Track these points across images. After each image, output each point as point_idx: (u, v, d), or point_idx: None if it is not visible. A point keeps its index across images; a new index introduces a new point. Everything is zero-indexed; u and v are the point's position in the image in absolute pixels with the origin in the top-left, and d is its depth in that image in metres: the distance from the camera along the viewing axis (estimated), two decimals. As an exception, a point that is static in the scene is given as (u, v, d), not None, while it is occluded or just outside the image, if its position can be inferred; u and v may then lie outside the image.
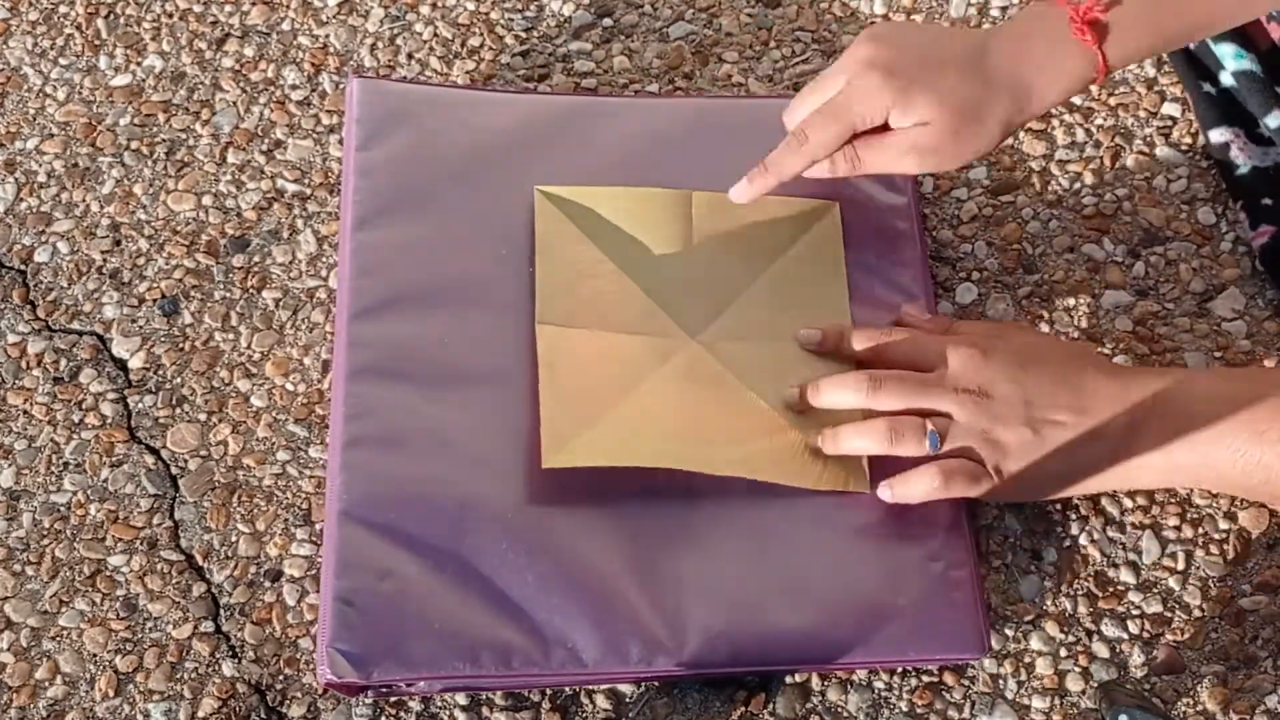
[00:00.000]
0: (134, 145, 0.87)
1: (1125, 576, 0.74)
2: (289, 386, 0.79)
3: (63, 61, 0.91)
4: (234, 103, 0.89)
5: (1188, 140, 0.88)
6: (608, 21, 0.92)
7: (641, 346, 0.73)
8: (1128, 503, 0.75)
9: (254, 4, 0.93)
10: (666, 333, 0.74)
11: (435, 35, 0.92)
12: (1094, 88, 0.89)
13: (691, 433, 0.71)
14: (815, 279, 0.77)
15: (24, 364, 0.80)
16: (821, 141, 0.73)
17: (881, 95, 0.71)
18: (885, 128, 0.73)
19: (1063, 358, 0.71)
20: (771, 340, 0.74)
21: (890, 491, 0.70)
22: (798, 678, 0.71)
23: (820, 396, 0.71)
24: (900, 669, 0.71)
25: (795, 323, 0.74)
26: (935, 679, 0.71)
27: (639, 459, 0.69)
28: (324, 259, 0.83)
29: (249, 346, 0.80)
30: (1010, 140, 0.87)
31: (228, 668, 0.71)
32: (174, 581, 0.73)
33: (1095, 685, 0.71)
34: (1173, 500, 0.75)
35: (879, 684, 0.71)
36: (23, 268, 0.83)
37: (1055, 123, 0.88)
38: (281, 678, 0.71)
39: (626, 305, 0.74)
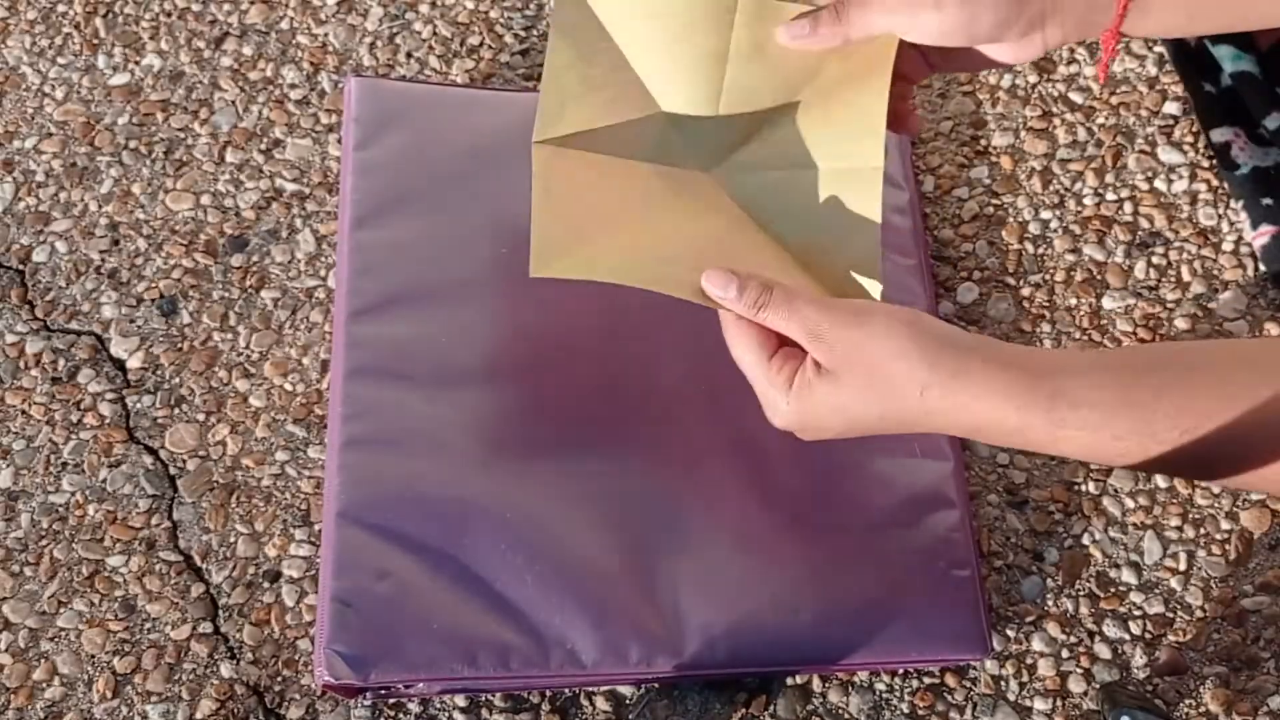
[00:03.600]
0: (132, 144, 0.87)
1: (1127, 577, 0.74)
2: (287, 386, 0.78)
3: (61, 61, 0.91)
4: (233, 102, 0.89)
5: (1189, 140, 0.87)
6: (607, 21, 0.92)
7: (648, 175, 0.65)
8: (1129, 503, 0.75)
9: (253, 3, 0.93)
10: (678, 161, 0.66)
11: (434, 34, 0.91)
12: (1095, 85, 0.89)
13: (691, 261, 0.62)
14: (853, 101, 0.66)
15: (22, 364, 0.79)
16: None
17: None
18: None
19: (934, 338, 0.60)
20: (794, 168, 0.66)
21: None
22: (798, 679, 0.70)
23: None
24: (901, 670, 0.71)
25: (823, 150, 0.66)
26: (937, 680, 0.71)
27: (632, 278, 0.61)
28: (323, 259, 0.83)
29: (247, 346, 0.80)
30: (1010, 141, 0.87)
31: (226, 669, 0.71)
32: (172, 582, 0.73)
33: (1097, 686, 0.71)
34: (1174, 500, 0.75)
35: (880, 685, 0.71)
36: (21, 267, 0.83)
37: (1056, 122, 0.88)
38: (280, 679, 0.70)
39: (640, 130, 0.66)
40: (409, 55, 0.90)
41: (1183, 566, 0.74)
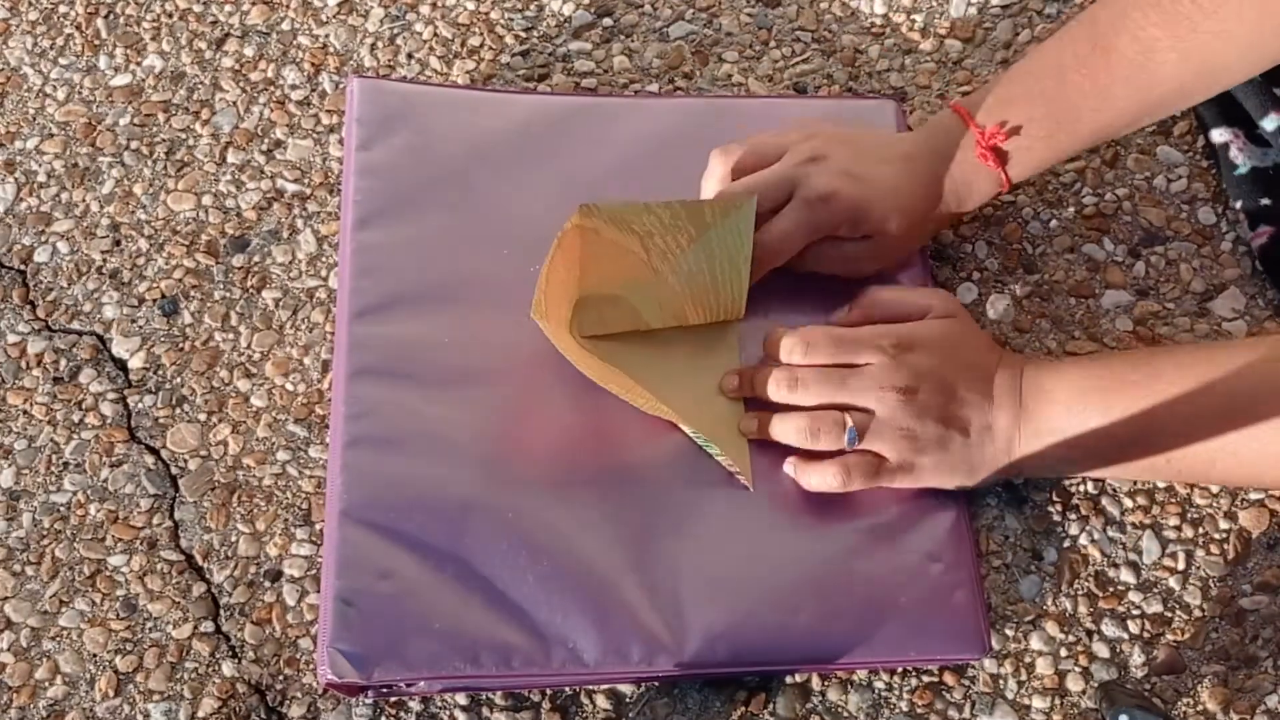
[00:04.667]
0: (134, 145, 0.87)
1: (1125, 576, 0.74)
2: (289, 386, 0.79)
3: (62, 61, 0.91)
4: (234, 103, 0.89)
5: (1188, 140, 0.88)
6: (608, 21, 0.92)
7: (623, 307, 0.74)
8: (1128, 503, 0.75)
9: (254, 4, 0.93)
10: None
11: (435, 35, 0.92)
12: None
13: (643, 374, 0.72)
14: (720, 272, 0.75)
15: (24, 364, 0.80)
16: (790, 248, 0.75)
17: (808, 165, 0.74)
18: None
19: (975, 347, 0.72)
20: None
21: (793, 469, 0.71)
22: (798, 678, 0.71)
23: (754, 388, 0.73)
24: (900, 669, 0.71)
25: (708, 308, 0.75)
26: (935, 679, 0.71)
27: (592, 369, 0.70)
28: (324, 259, 0.83)
29: (249, 346, 0.80)
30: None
31: (228, 668, 0.71)
32: (174, 581, 0.73)
33: (1095, 685, 0.71)
34: (1173, 500, 0.75)
35: (879, 684, 0.71)
36: (22, 268, 0.83)
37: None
38: (281, 678, 0.71)
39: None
40: (410, 56, 0.91)
41: (1181, 566, 0.74)
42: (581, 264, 0.72)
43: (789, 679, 0.71)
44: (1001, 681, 0.71)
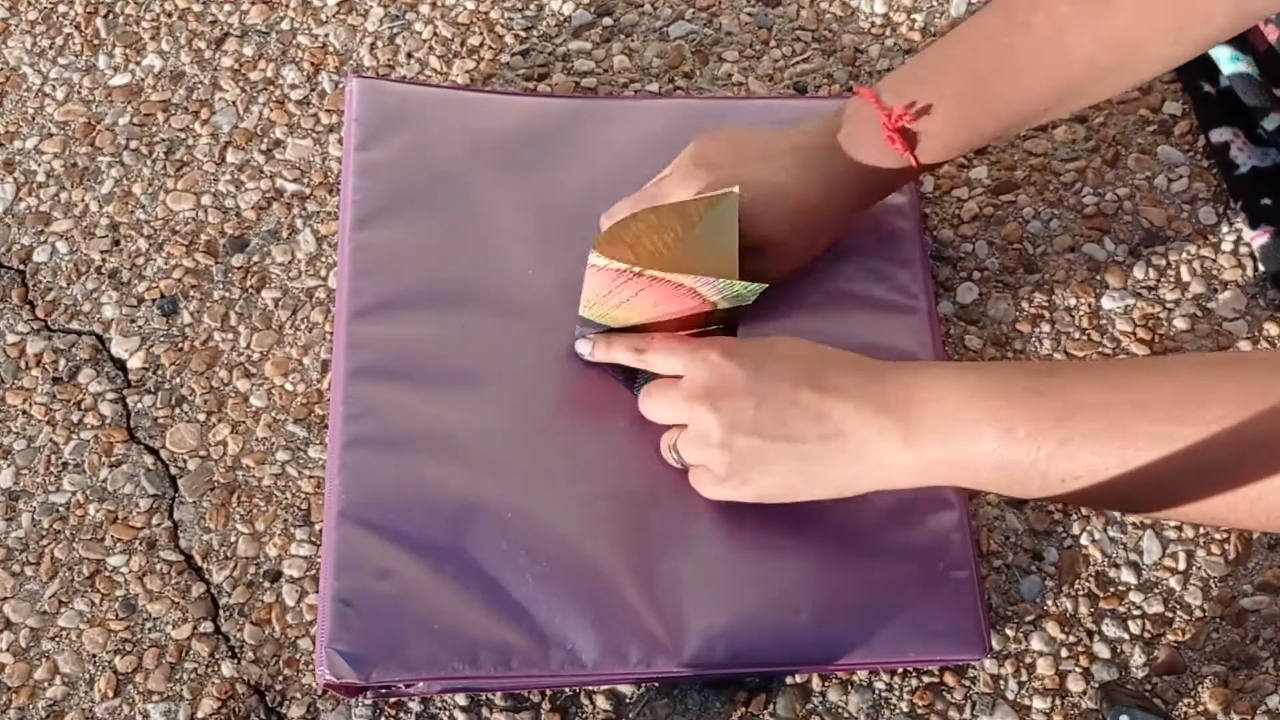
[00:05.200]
0: (133, 145, 0.87)
1: (1126, 576, 0.74)
2: (288, 386, 0.79)
3: (62, 61, 0.91)
4: (233, 102, 0.89)
5: (1188, 140, 0.88)
6: (608, 21, 0.92)
7: None
8: (1128, 503, 0.75)
9: (253, 3, 0.93)
10: None
11: (435, 34, 0.92)
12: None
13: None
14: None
15: (23, 364, 0.79)
16: None
17: (693, 181, 0.72)
18: None
19: (806, 354, 0.66)
20: None
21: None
22: (798, 678, 0.71)
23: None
24: (901, 669, 0.71)
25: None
26: (936, 679, 0.71)
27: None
28: (323, 259, 0.83)
29: (248, 346, 0.80)
30: (1010, 141, 0.87)
31: (227, 668, 0.71)
32: (173, 582, 0.73)
33: (1096, 685, 0.71)
34: (1173, 500, 0.75)
35: (879, 684, 0.71)
36: (22, 267, 0.83)
37: (1056, 121, 0.88)
38: (281, 678, 0.71)
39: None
40: (409, 56, 0.91)
41: (1182, 566, 0.74)
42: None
43: (789, 679, 0.70)
44: (1002, 682, 0.71)
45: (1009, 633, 0.72)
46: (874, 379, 0.63)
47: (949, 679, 0.71)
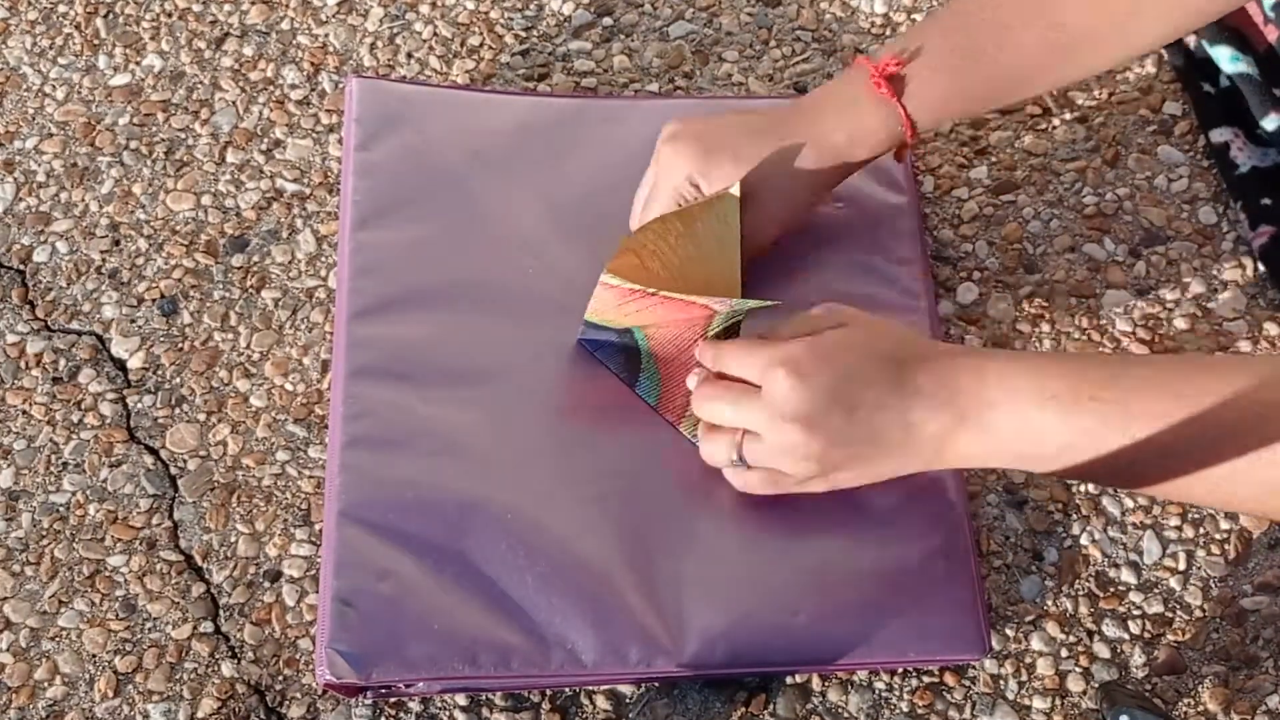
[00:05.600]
0: (133, 145, 0.87)
1: (1126, 576, 0.74)
2: (288, 386, 0.79)
3: (62, 61, 0.91)
4: (233, 102, 0.89)
5: (1188, 140, 0.88)
6: (608, 21, 0.92)
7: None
8: (1129, 503, 0.75)
9: (253, 3, 0.93)
10: None
11: (435, 34, 0.92)
12: (1094, 84, 0.89)
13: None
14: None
15: (23, 364, 0.79)
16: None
17: (684, 161, 0.72)
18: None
19: (877, 344, 0.65)
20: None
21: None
22: (798, 678, 0.71)
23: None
24: (901, 669, 0.71)
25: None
26: (936, 679, 0.71)
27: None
28: (323, 259, 0.83)
29: (248, 346, 0.80)
30: (1010, 141, 0.87)
31: (227, 668, 0.71)
32: (173, 582, 0.73)
33: (1096, 685, 0.71)
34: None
35: (879, 685, 0.71)
36: (22, 267, 0.83)
37: (1056, 122, 0.88)
38: (281, 678, 0.71)
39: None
40: (409, 56, 0.91)
41: (1182, 566, 0.74)
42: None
43: (789, 679, 0.70)
44: (1002, 682, 0.71)
45: (1009, 633, 0.72)
46: (948, 375, 0.64)
47: (949, 679, 0.71)
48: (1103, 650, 0.72)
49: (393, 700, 0.69)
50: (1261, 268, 0.82)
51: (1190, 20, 0.69)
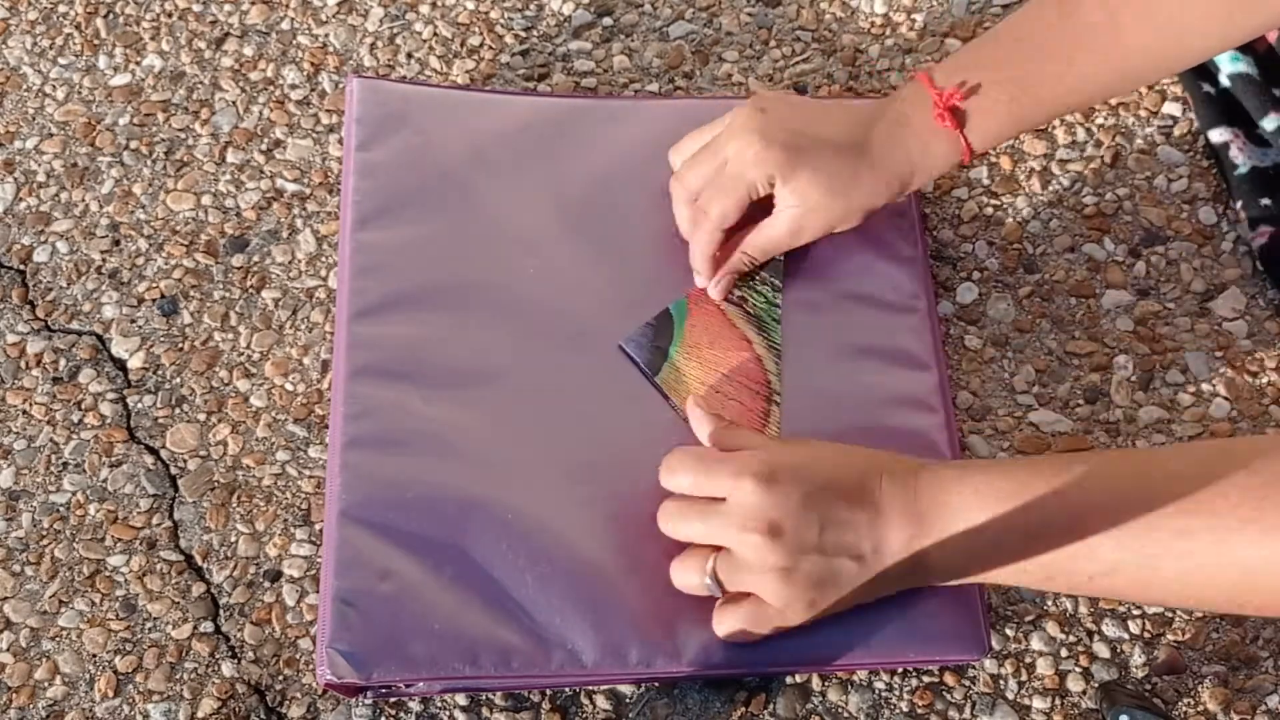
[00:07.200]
0: (133, 145, 0.87)
1: (1126, 577, 0.74)
2: (288, 386, 0.79)
3: (62, 61, 0.91)
4: (233, 102, 0.89)
5: (1188, 140, 0.88)
6: (608, 21, 0.92)
7: None
8: (1128, 503, 0.75)
9: (253, 3, 0.93)
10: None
11: (435, 34, 0.92)
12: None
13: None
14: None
15: (23, 364, 0.79)
16: (723, 212, 0.74)
17: (766, 164, 0.72)
18: (767, 203, 0.74)
19: (849, 463, 0.65)
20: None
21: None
22: (798, 678, 0.71)
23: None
24: (901, 669, 0.71)
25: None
26: (936, 679, 0.71)
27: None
28: (323, 259, 0.83)
29: (248, 346, 0.80)
30: (1010, 141, 0.87)
31: (227, 668, 0.71)
32: (173, 582, 0.73)
33: (1096, 685, 0.71)
34: (1173, 500, 0.75)
35: (879, 684, 0.71)
36: (22, 267, 0.83)
37: (1056, 122, 0.88)
38: (281, 678, 0.71)
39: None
40: (409, 56, 0.91)
41: (1182, 566, 0.74)
42: None
43: (789, 679, 0.71)
44: (1002, 682, 0.71)
45: (1009, 633, 0.72)
46: (909, 489, 0.63)
47: (949, 679, 0.71)
48: (1102, 650, 0.72)
49: (393, 700, 0.69)
50: (1261, 268, 0.82)
51: (1240, 36, 0.70)
